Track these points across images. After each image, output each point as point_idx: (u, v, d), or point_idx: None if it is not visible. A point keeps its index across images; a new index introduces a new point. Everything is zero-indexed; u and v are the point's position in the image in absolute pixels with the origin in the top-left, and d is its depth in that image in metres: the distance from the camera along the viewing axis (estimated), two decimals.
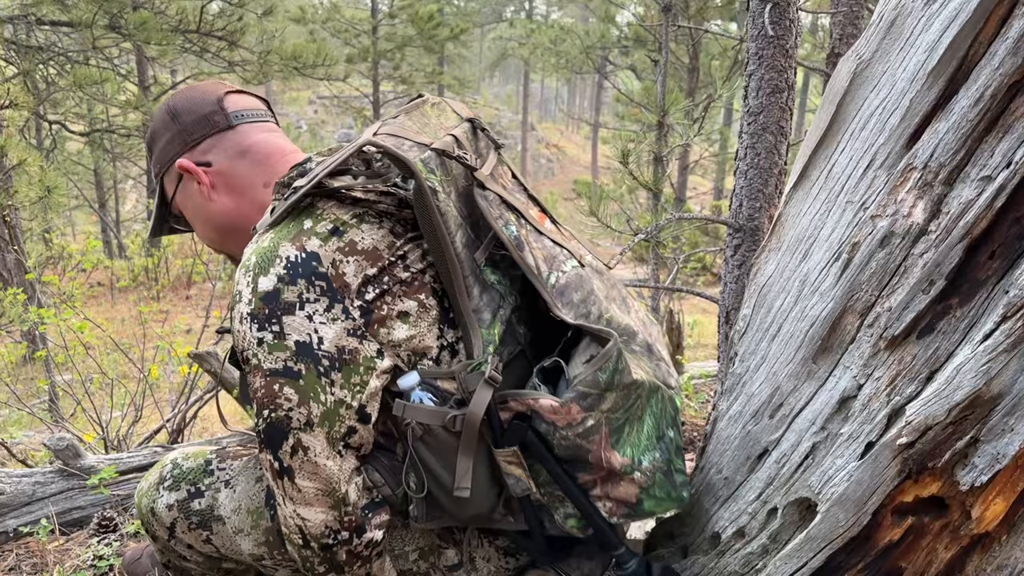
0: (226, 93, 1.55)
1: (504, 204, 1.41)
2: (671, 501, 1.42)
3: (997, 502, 1.22)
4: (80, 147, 14.85)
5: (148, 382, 3.34)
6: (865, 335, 1.29)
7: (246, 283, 1.29)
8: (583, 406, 1.31)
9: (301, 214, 1.34)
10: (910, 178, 1.24)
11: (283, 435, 1.29)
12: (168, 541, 1.61)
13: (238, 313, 1.30)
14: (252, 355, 1.29)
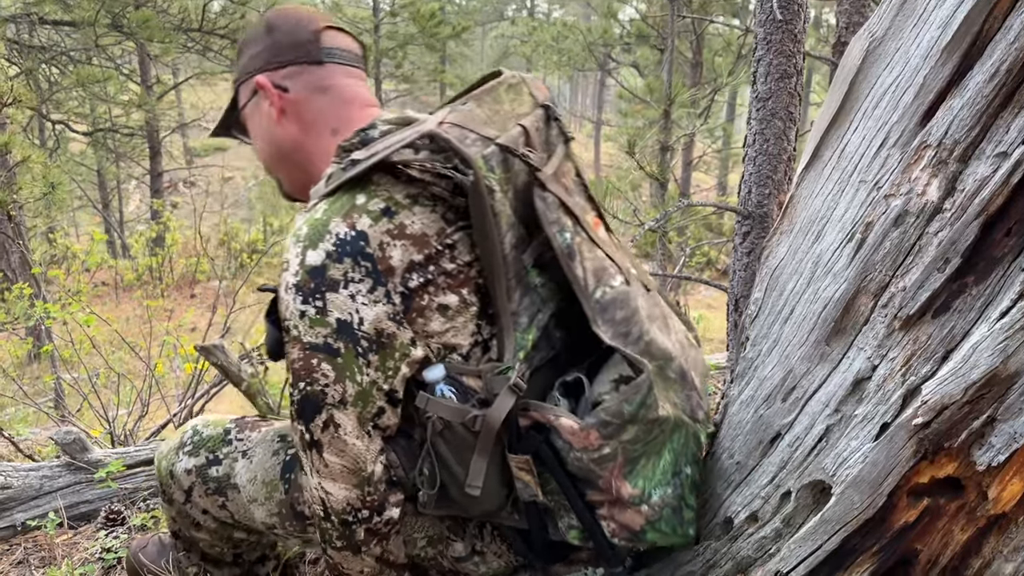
0: (325, 27, 1.51)
1: (563, 208, 1.39)
2: (676, 536, 1.42)
3: (1014, 482, 1.21)
4: (83, 148, 14.87)
5: (154, 377, 3.34)
6: (879, 315, 1.27)
7: (295, 253, 1.29)
8: (603, 434, 1.31)
9: (355, 186, 1.32)
10: (924, 156, 1.22)
11: (317, 409, 1.30)
12: (184, 504, 1.65)
13: (284, 282, 1.30)
14: (293, 326, 1.30)
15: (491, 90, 1.43)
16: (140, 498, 2.52)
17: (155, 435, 3.04)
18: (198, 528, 1.71)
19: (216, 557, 1.81)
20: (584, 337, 1.43)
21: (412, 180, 1.33)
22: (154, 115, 12.83)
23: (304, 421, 1.32)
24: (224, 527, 1.68)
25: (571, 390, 1.40)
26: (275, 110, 1.50)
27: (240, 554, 1.83)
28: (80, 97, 11.87)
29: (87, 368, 3.22)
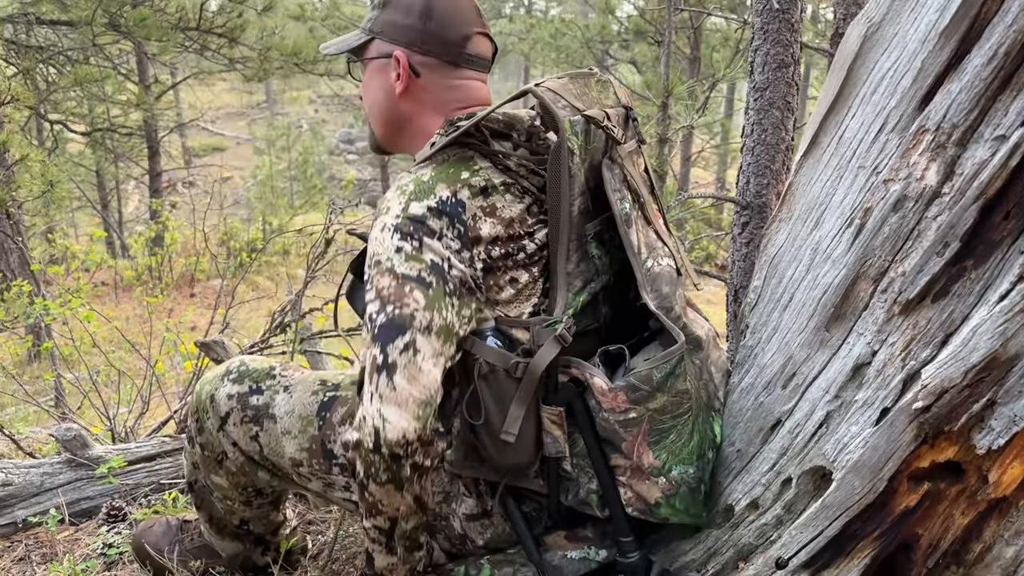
0: (476, 33, 1.59)
1: (626, 183, 1.50)
2: (688, 516, 1.46)
3: (1015, 466, 1.21)
4: (81, 148, 14.85)
5: (155, 375, 3.34)
6: (879, 301, 1.27)
7: (399, 202, 1.39)
8: (630, 398, 1.37)
9: (461, 164, 1.44)
10: (923, 140, 1.22)
11: (401, 330, 1.33)
12: (217, 432, 1.69)
13: (382, 223, 1.38)
14: (387, 259, 1.36)
15: (583, 76, 1.57)
16: (142, 494, 2.52)
17: (156, 432, 3.03)
18: (219, 468, 1.74)
19: (222, 520, 1.83)
20: (627, 320, 1.55)
21: (508, 170, 1.45)
22: (152, 115, 12.81)
23: (382, 342, 1.33)
24: (248, 466, 1.72)
25: (611, 360, 1.45)
26: (400, 85, 1.57)
27: (247, 522, 1.84)
28: (78, 97, 11.85)
29: (87, 366, 3.22)
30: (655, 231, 1.55)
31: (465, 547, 1.62)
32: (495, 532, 1.59)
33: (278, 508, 1.91)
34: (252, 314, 8.45)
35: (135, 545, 2.00)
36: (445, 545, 1.64)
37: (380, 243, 1.37)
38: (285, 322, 3.17)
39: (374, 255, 1.38)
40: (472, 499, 1.59)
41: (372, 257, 1.38)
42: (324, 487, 1.67)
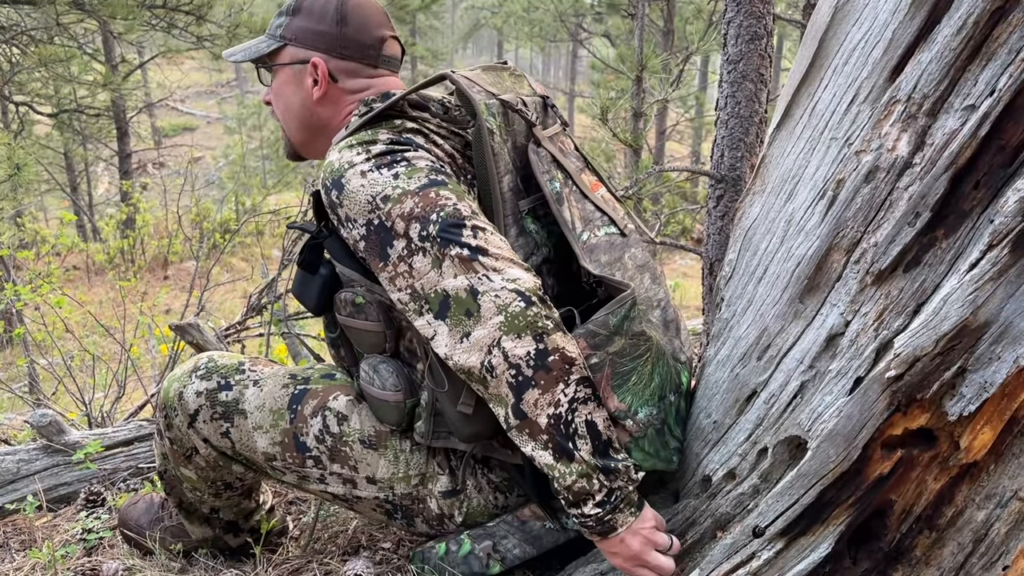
0: (390, 37, 1.65)
1: (555, 163, 1.54)
2: (659, 459, 1.47)
3: (985, 431, 1.23)
4: (49, 130, 14.58)
5: (130, 358, 3.31)
6: (851, 272, 1.28)
7: (355, 153, 1.43)
8: (589, 343, 1.39)
9: (382, 121, 1.49)
10: (894, 111, 1.23)
11: (460, 224, 1.35)
12: (187, 429, 1.69)
13: (356, 172, 1.40)
14: (392, 188, 1.38)
15: (496, 69, 1.63)
16: (120, 479, 2.51)
17: (133, 416, 3.01)
18: (188, 461, 1.74)
19: (192, 505, 1.84)
20: (573, 291, 1.59)
21: (428, 137, 1.50)
22: (120, 95, 12.59)
23: (455, 242, 1.34)
24: (221, 460, 1.72)
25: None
26: (319, 91, 1.60)
27: (217, 511, 1.86)
28: (43, 78, 11.62)
29: (61, 351, 3.18)
30: (593, 203, 1.59)
31: (444, 527, 1.63)
32: (471, 507, 1.62)
33: (250, 497, 1.92)
34: (227, 297, 8.39)
35: (120, 521, 2.01)
36: (424, 528, 1.66)
37: (372, 184, 1.39)
38: (262, 303, 3.15)
39: (374, 196, 1.38)
40: (446, 476, 1.62)
41: (372, 199, 1.38)
42: (299, 479, 1.68)
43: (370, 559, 1.77)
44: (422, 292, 1.37)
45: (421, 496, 1.62)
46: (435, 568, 1.58)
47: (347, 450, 1.62)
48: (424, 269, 1.36)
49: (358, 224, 1.41)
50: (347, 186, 1.40)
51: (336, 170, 1.42)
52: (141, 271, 10.41)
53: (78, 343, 3.57)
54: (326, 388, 1.68)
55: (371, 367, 1.59)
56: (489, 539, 1.58)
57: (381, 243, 1.39)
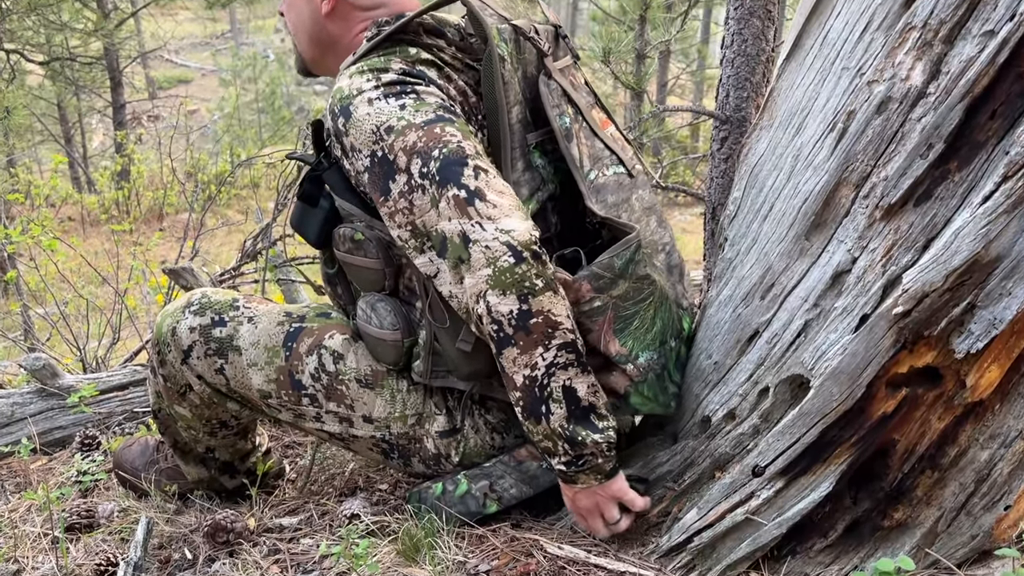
0: None
1: (565, 97, 1.49)
2: (657, 404, 1.47)
3: (992, 369, 1.21)
4: (41, 80, 14.39)
5: (124, 305, 3.28)
6: (860, 207, 1.25)
7: (365, 79, 1.39)
8: (593, 286, 1.36)
9: (401, 48, 1.44)
10: (909, 38, 1.19)
11: (462, 162, 1.32)
12: (180, 366, 1.67)
13: (363, 100, 1.36)
14: (397, 119, 1.34)
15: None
16: (115, 423, 2.50)
17: (128, 361, 3.00)
18: (183, 399, 1.72)
19: (187, 445, 1.83)
20: (578, 231, 1.54)
21: (441, 69, 1.46)
22: (113, 44, 12.40)
23: (453, 182, 1.31)
24: (215, 397, 1.70)
25: (566, 265, 1.43)
26: (327, 5, 1.55)
27: (212, 451, 1.84)
28: (35, 26, 11.43)
29: (54, 296, 3.15)
30: (603, 140, 1.55)
31: (440, 467, 1.62)
32: (468, 447, 1.61)
33: (246, 438, 1.90)
34: (223, 247, 8.35)
35: (115, 463, 2.00)
36: (420, 468, 1.65)
37: (378, 113, 1.35)
38: (257, 249, 3.12)
39: (378, 126, 1.35)
40: (443, 416, 1.61)
41: (377, 130, 1.35)
42: (294, 418, 1.67)
43: (367, 499, 1.77)
44: (423, 229, 1.35)
45: (418, 436, 1.61)
46: (431, 508, 1.57)
47: (343, 389, 1.60)
48: (424, 207, 1.33)
49: (362, 155, 1.38)
50: (354, 114, 1.37)
51: (345, 96, 1.39)
52: (136, 222, 10.34)
53: (73, 290, 3.54)
54: (322, 326, 1.65)
55: (369, 305, 1.56)
56: (486, 479, 1.57)
57: (384, 176, 1.36)
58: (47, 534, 1.80)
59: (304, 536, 1.67)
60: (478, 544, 1.52)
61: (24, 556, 1.72)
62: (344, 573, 1.48)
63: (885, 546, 1.36)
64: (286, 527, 1.72)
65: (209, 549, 1.64)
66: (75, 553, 1.71)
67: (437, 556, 1.47)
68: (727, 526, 1.38)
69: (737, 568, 1.40)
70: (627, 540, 1.52)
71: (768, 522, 1.35)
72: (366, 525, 1.61)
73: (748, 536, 1.37)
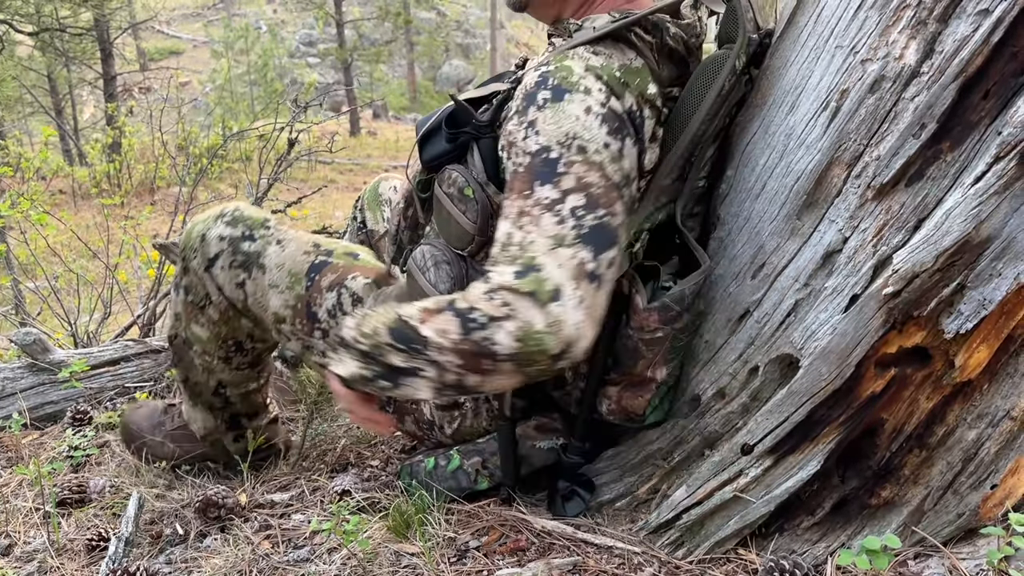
0: None
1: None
2: (661, 411, 1.50)
3: (981, 350, 1.22)
4: (31, 52, 14.23)
5: (115, 279, 3.27)
6: (852, 186, 1.25)
7: (599, 87, 1.27)
8: (661, 317, 1.36)
9: (645, 74, 1.33)
10: (903, 16, 1.18)
11: (612, 243, 1.21)
12: (203, 272, 1.65)
13: (583, 102, 1.24)
14: (596, 150, 1.22)
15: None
16: (107, 398, 2.50)
17: (120, 336, 2.99)
18: (200, 314, 1.70)
19: (198, 385, 1.80)
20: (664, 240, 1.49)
21: (671, 55, 1.37)
22: (103, 14, 12.26)
23: (595, 250, 1.18)
24: (230, 314, 1.68)
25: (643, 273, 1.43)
26: None
27: (223, 388, 1.80)
28: None
29: (44, 270, 3.14)
30: None
31: (432, 433, 1.64)
32: (462, 424, 1.61)
33: (258, 377, 1.86)
34: None
35: (121, 426, 1.99)
36: (412, 428, 1.67)
37: (586, 127, 1.22)
38: None
39: (577, 135, 1.22)
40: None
41: (565, 134, 1.22)
42: (303, 348, 1.66)
43: (358, 476, 1.77)
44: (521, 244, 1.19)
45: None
46: (422, 483, 1.57)
47: None
48: (546, 232, 1.18)
49: (538, 140, 1.24)
50: (565, 103, 1.24)
51: (569, 81, 1.26)
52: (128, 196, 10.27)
53: (63, 264, 3.52)
54: (347, 265, 1.65)
55: (433, 259, 1.49)
56: (478, 455, 1.58)
57: (542, 176, 1.22)
58: (38, 509, 1.80)
59: (295, 512, 1.68)
60: (468, 520, 1.53)
61: (15, 531, 1.72)
62: (335, 549, 1.49)
63: (872, 524, 1.37)
64: (277, 503, 1.73)
65: (200, 524, 1.65)
66: (66, 528, 1.72)
67: (427, 532, 1.48)
68: (716, 504, 1.39)
69: (725, 545, 1.41)
70: (616, 517, 1.53)
71: (756, 500, 1.36)
72: (357, 501, 1.61)
73: (736, 514, 1.38)
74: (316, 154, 4.97)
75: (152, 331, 2.99)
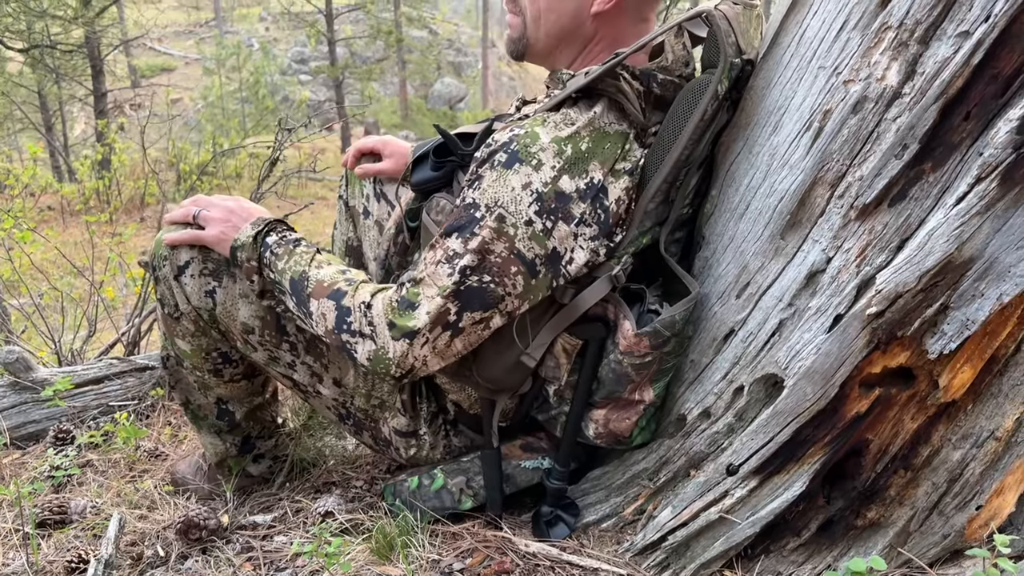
0: None
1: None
2: (648, 433, 1.51)
3: (965, 370, 1.21)
4: (21, 68, 14.22)
5: (100, 297, 3.24)
6: (835, 206, 1.25)
7: (554, 164, 1.31)
8: (651, 343, 1.38)
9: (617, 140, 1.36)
10: (885, 38, 1.18)
11: (485, 306, 1.33)
12: (173, 280, 1.60)
13: (526, 174, 1.30)
14: (512, 224, 1.30)
15: (750, 7, 1.46)
16: (89, 417, 2.47)
17: (104, 354, 2.96)
18: (177, 325, 1.64)
19: (200, 408, 1.77)
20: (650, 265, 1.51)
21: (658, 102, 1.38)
22: (94, 31, 12.26)
23: (461, 306, 1.33)
24: (200, 326, 1.63)
25: (628, 295, 1.45)
26: (603, 3, 1.44)
27: (225, 403, 1.77)
28: (15, 12, 11.29)
29: (28, 288, 3.11)
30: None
31: (388, 452, 1.68)
32: (419, 453, 1.64)
33: (261, 392, 1.82)
34: None
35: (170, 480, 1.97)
36: (368, 441, 1.69)
37: (513, 198, 1.30)
38: None
39: (498, 201, 1.30)
40: (405, 418, 1.62)
41: (495, 200, 1.30)
42: (268, 359, 1.64)
43: (342, 496, 1.75)
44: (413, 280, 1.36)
45: (376, 417, 1.64)
46: (406, 503, 1.56)
47: (323, 348, 1.60)
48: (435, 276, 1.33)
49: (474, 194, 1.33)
50: (509, 175, 1.30)
51: (528, 151, 1.31)
52: (117, 212, 10.24)
53: (48, 282, 3.49)
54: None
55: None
56: (462, 475, 1.57)
57: (459, 227, 1.32)
58: (18, 530, 1.78)
59: (278, 534, 1.66)
60: (452, 542, 1.52)
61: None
62: (317, 572, 1.47)
63: (858, 545, 1.36)
64: (260, 524, 1.71)
65: (182, 546, 1.63)
66: (46, 550, 1.69)
67: (411, 554, 1.46)
68: (701, 525, 1.38)
69: (711, 567, 1.40)
70: (602, 538, 1.52)
71: (742, 521, 1.35)
72: (340, 523, 1.60)
73: (722, 535, 1.37)
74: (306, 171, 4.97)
75: (137, 349, 2.97)
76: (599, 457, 1.62)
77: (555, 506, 1.53)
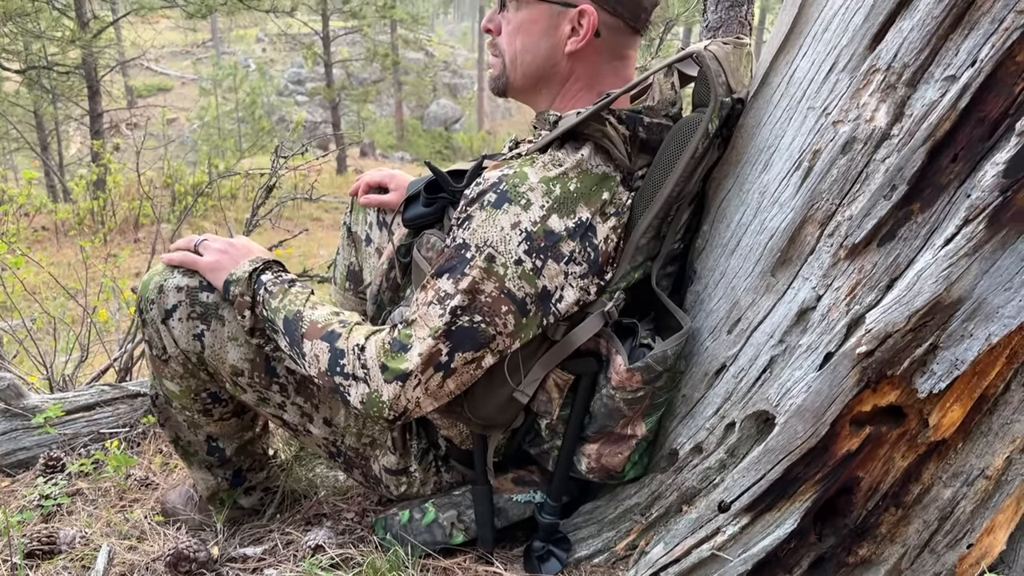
0: (654, 5, 1.48)
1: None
2: (640, 467, 1.52)
3: (954, 409, 1.22)
4: (17, 87, 14.25)
5: (93, 321, 3.24)
6: (825, 245, 1.26)
7: (543, 203, 1.32)
8: (644, 378, 1.38)
9: (604, 183, 1.37)
10: (873, 80, 1.20)
11: (476, 346, 1.33)
12: (160, 324, 1.58)
13: (515, 214, 1.31)
14: (502, 263, 1.31)
15: (741, 46, 1.48)
16: (80, 444, 2.45)
17: (95, 381, 2.95)
18: (165, 367, 1.63)
19: (190, 444, 1.76)
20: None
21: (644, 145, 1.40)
22: (91, 53, 12.30)
23: (453, 346, 1.33)
24: (189, 368, 1.61)
25: (620, 329, 1.45)
26: (577, 43, 1.43)
27: (214, 440, 1.76)
28: (11, 33, 11.33)
29: (20, 312, 3.10)
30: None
31: (378, 489, 1.69)
32: (409, 490, 1.65)
33: (252, 426, 1.81)
34: None
35: (161, 510, 1.95)
36: (359, 478, 1.69)
37: (502, 238, 1.31)
38: None
39: (488, 241, 1.31)
40: (395, 456, 1.63)
41: (485, 240, 1.31)
42: (258, 400, 1.63)
43: (332, 529, 1.74)
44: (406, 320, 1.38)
45: (366, 455, 1.64)
46: (396, 537, 1.55)
47: (314, 388, 1.60)
48: (426, 318, 1.34)
49: (464, 234, 1.34)
50: (498, 215, 1.31)
51: (516, 191, 1.32)
52: (111, 233, 10.23)
53: (40, 306, 3.48)
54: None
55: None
56: (454, 508, 1.56)
57: (449, 268, 1.33)
58: (6, 560, 1.76)
59: (268, 567, 1.65)
60: None
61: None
62: None
63: None
64: (250, 557, 1.70)
65: None
66: None
67: None
68: (693, 562, 1.37)
69: None
70: (594, 573, 1.51)
71: (734, 558, 1.35)
72: (330, 557, 1.59)
73: (714, 572, 1.37)
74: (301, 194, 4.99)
75: (129, 375, 2.96)
76: (591, 491, 1.61)
77: (547, 541, 1.52)
